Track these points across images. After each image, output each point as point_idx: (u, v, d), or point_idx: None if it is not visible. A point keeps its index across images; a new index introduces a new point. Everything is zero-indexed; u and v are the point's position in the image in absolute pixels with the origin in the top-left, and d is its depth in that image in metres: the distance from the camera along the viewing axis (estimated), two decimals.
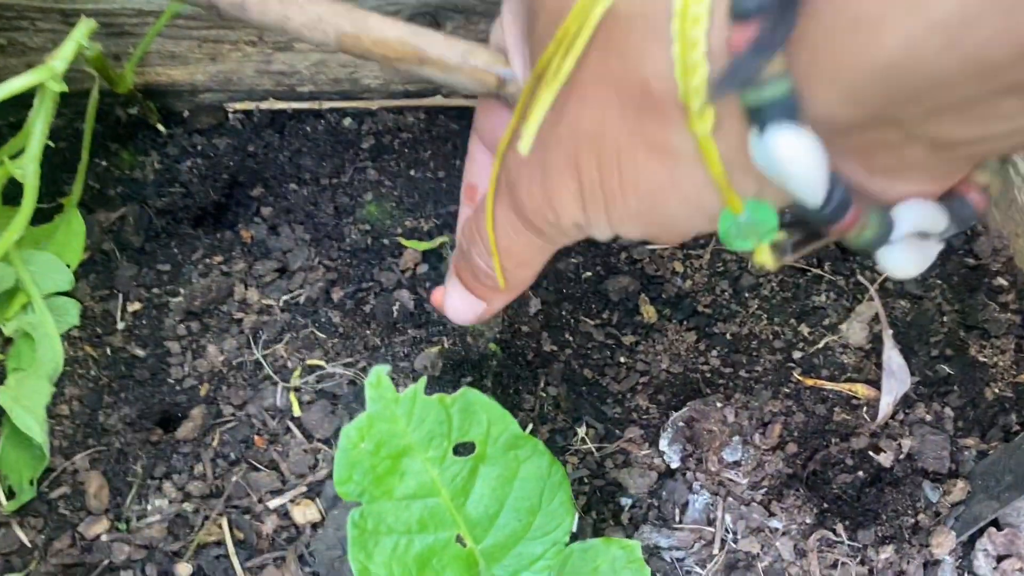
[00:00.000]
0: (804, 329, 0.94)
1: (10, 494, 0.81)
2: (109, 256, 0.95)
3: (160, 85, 0.99)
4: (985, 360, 0.92)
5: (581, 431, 0.88)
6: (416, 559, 0.58)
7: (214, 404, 0.88)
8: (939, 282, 0.97)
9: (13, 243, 0.80)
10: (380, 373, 0.57)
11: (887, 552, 0.81)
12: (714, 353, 0.93)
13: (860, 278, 0.97)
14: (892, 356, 0.89)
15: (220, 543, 0.81)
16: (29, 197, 0.77)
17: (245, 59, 0.98)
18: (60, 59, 0.74)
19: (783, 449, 0.87)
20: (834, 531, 0.82)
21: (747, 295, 0.97)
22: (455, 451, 0.59)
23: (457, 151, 1.04)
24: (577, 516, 0.85)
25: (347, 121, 1.05)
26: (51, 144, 0.78)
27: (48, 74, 0.73)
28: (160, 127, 1.00)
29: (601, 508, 0.85)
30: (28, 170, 0.76)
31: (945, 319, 0.95)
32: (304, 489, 0.84)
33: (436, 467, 0.58)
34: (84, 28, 0.76)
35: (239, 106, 1.02)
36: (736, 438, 0.86)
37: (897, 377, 0.88)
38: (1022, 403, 0.89)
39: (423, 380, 0.58)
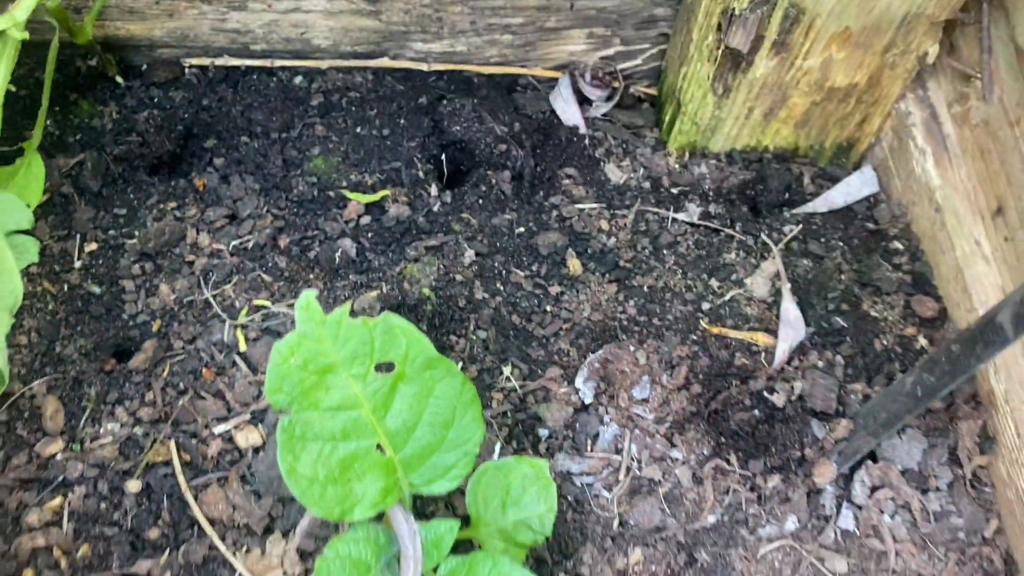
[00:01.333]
0: (714, 283, 1.03)
1: None
2: (68, 199, 1.01)
3: (119, 39, 1.05)
4: (876, 315, 1.01)
5: (507, 370, 0.96)
6: (339, 463, 0.66)
7: (165, 338, 0.95)
8: (840, 244, 1.06)
9: None
10: (309, 297, 0.64)
11: (774, 480, 0.90)
12: (631, 303, 1.02)
13: (766, 239, 1.05)
14: (789, 308, 0.98)
15: (168, 463, 0.88)
16: None
17: (201, 16, 1.03)
18: (22, 8, 0.79)
19: (688, 389, 0.95)
20: (728, 461, 0.91)
21: (665, 252, 1.05)
22: (377, 369, 0.67)
23: (402, 110, 1.11)
24: (499, 446, 0.94)
25: (298, 79, 1.11)
26: (12, 89, 0.84)
27: (10, 22, 0.78)
28: (119, 79, 1.06)
29: (522, 439, 0.93)
30: None
31: (843, 277, 1.04)
32: (248, 417, 0.91)
33: (359, 383, 0.66)
34: None
35: (195, 62, 1.08)
36: (645, 378, 0.95)
37: (793, 327, 0.97)
38: (907, 354, 0.99)
39: (348, 303, 0.65)
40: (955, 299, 1.00)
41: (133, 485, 0.87)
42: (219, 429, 0.90)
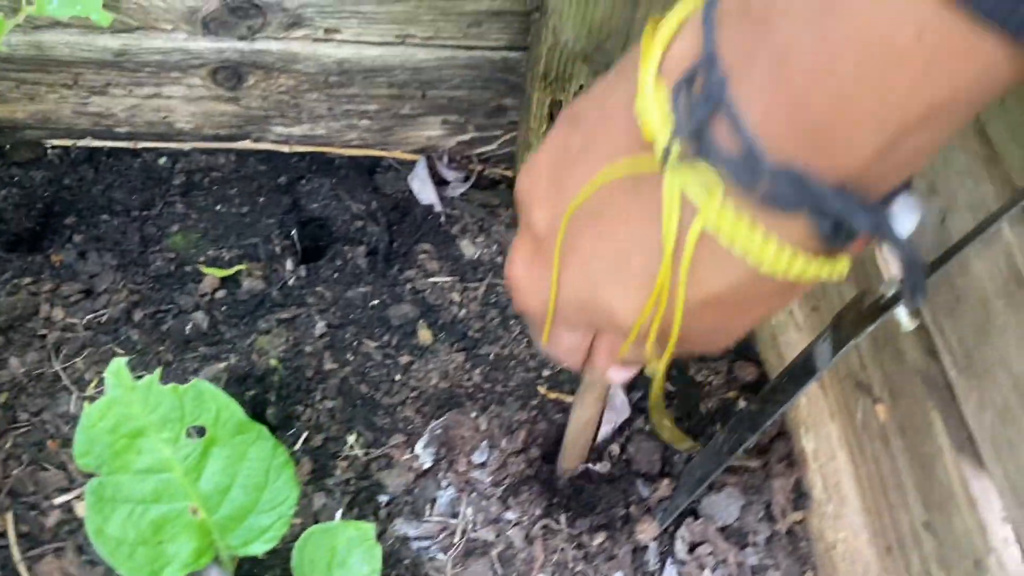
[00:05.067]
0: None
1: None
2: None
3: None
4: (701, 380, 1.08)
5: (351, 439, 1.00)
6: (150, 524, 0.68)
7: (12, 411, 0.96)
8: None
9: None
10: (119, 364, 0.67)
11: (600, 538, 0.95)
12: (477, 371, 1.07)
13: None
14: (617, 393, 1.04)
15: (3, 535, 0.89)
16: None
17: (62, 100, 1.08)
18: None
19: (527, 452, 1.00)
20: (557, 521, 0.95)
21: (512, 322, 1.11)
22: (189, 435, 0.70)
23: (262, 189, 1.16)
24: (340, 512, 0.97)
25: (162, 160, 1.16)
26: None
27: None
28: None
29: (364, 506, 0.97)
30: None
31: None
32: None
33: (170, 447, 0.69)
34: None
35: (57, 142, 1.12)
36: (485, 443, 1.00)
37: (618, 411, 1.03)
38: (728, 415, 1.06)
39: (159, 371, 0.69)
40: (772, 363, 1.08)
41: None
42: (59, 500, 0.91)
